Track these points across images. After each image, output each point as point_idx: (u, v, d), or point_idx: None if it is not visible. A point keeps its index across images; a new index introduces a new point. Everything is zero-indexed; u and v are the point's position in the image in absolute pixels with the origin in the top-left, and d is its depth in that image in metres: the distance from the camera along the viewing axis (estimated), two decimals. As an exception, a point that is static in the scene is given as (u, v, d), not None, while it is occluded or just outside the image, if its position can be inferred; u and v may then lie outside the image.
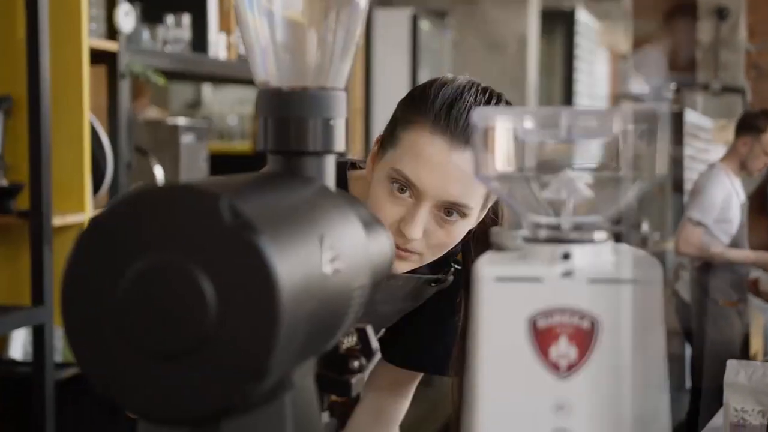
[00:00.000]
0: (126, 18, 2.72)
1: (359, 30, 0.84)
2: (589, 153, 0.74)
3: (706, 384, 3.88)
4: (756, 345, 4.77)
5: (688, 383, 4.81)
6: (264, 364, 0.61)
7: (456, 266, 1.40)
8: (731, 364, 1.88)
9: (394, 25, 4.96)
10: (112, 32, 2.74)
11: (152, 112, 4.32)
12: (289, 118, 0.81)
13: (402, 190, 1.23)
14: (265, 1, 0.82)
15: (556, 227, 0.72)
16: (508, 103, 1.29)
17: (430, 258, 1.28)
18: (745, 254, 4.36)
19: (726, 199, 4.23)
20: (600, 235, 0.72)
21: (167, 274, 0.62)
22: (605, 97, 9.00)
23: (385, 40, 4.93)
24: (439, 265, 1.36)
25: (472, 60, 5.54)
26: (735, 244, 4.31)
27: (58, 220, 2.48)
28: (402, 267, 1.27)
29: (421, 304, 1.41)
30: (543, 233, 0.72)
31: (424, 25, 5.14)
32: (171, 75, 3.24)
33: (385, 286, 1.32)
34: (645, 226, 6.31)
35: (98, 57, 2.70)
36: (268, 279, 0.60)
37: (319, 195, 0.78)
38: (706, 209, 4.19)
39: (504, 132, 0.73)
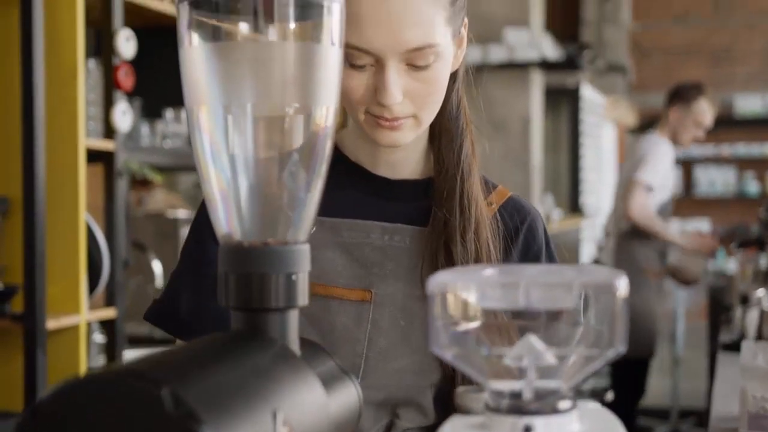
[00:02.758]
0: (123, 117, 2.74)
1: (321, 183, 0.83)
2: (552, 322, 0.73)
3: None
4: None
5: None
6: None
7: None
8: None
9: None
10: (109, 130, 2.75)
11: (159, 196, 4.33)
12: (251, 274, 0.79)
13: (362, 66, 1.11)
14: (226, 156, 0.81)
15: (518, 395, 0.70)
16: None
17: (427, 115, 1.17)
18: (679, 238, 4.38)
19: (668, 167, 4.26)
20: (564, 404, 0.70)
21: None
22: (613, 170, 9.03)
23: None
24: None
25: (475, 139, 5.55)
26: (661, 213, 4.31)
27: (52, 323, 2.47)
28: (403, 137, 1.16)
29: None
30: (505, 402, 0.70)
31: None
32: (171, 169, 3.25)
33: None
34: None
35: (96, 156, 2.72)
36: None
37: (277, 360, 0.76)
38: (654, 173, 4.19)
39: (461, 300, 0.71)
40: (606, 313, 0.70)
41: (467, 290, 0.71)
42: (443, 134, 1.25)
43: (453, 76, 1.25)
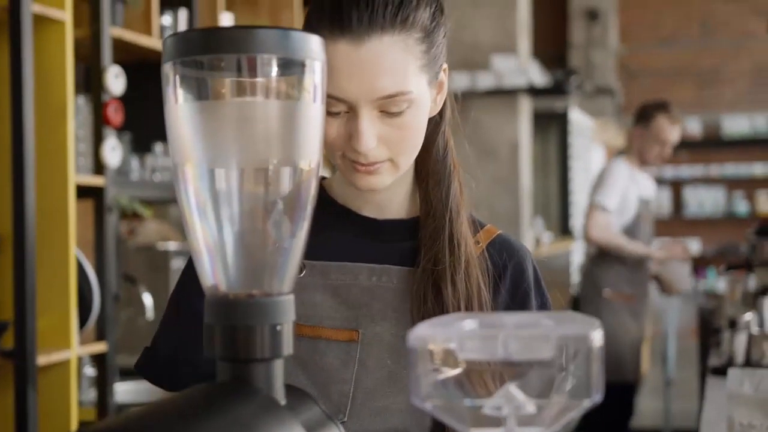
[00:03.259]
0: (113, 153, 2.75)
1: (304, 234, 0.84)
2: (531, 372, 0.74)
3: None
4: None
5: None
6: None
7: None
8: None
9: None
10: (99, 166, 2.77)
11: (151, 226, 4.34)
12: (236, 326, 0.81)
13: (337, 112, 1.13)
14: (211, 211, 0.83)
15: (499, 445, 0.72)
16: None
17: (404, 159, 1.18)
18: (646, 250, 4.33)
19: (625, 189, 4.27)
20: (543, 454, 0.71)
21: None
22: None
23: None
24: None
25: (464, 165, 5.59)
26: (630, 234, 4.31)
27: (43, 359, 2.47)
28: (380, 181, 1.18)
29: None
30: (486, 453, 0.72)
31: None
32: (162, 202, 3.27)
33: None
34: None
35: (85, 191, 2.73)
36: None
37: (261, 411, 0.78)
38: (610, 195, 4.22)
39: (441, 352, 0.73)
40: (582, 363, 0.71)
41: (447, 343, 0.73)
42: (430, 176, 1.27)
43: (439, 118, 1.27)
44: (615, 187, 4.26)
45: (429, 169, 1.27)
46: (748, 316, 3.09)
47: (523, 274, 1.29)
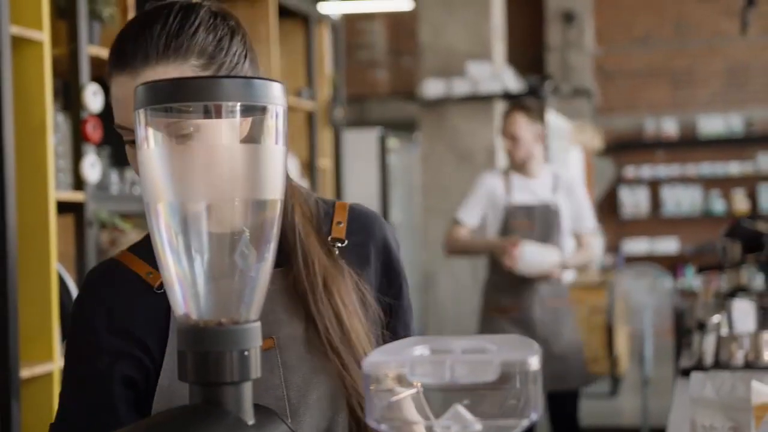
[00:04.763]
0: (92, 169, 2.81)
1: (269, 264, 0.91)
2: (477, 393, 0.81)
3: None
4: None
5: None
6: None
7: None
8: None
9: (363, 143, 5.07)
10: (79, 182, 2.82)
11: (132, 236, 4.38)
12: (207, 352, 0.87)
13: (133, 141, 1.12)
14: (182, 245, 0.90)
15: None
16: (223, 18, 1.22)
17: None
18: (482, 241, 4.20)
19: (489, 198, 4.14)
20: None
21: None
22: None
23: (355, 159, 5.05)
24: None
25: (441, 171, 5.67)
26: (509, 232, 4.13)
27: (26, 372, 2.53)
28: None
29: None
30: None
31: (393, 142, 5.26)
32: (141, 215, 3.32)
33: None
34: None
35: (66, 207, 2.78)
36: None
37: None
38: (467, 208, 4.14)
39: (393, 376, 0.80)
40: (522, 385, 0.78)
41: (399, 368, 0.79)
42: None
43: None
44: (470, 199, 4.16)
45: None
46: (717, 318, 3.15)
47: (387, 245, 1.35)
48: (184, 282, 0.89)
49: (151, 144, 0.88)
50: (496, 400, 0.80)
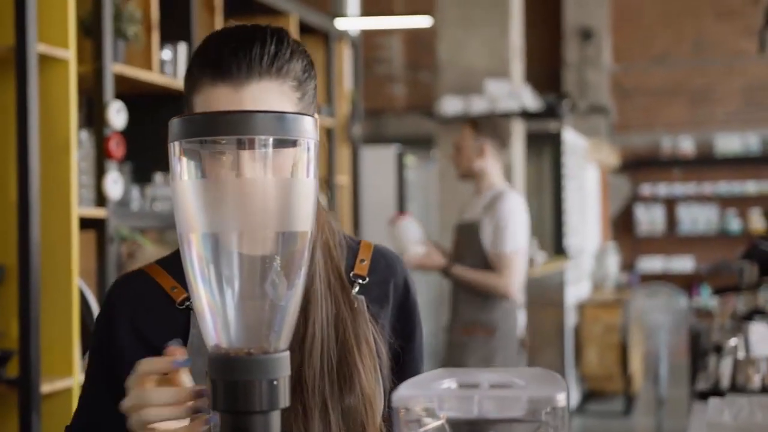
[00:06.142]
0: (114, 185, 2.84)
1: (299, 294, 0.92)
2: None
3: None
4: None
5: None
6: None
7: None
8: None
9: (381, 160, 5.09)
10: (101, 198, 2.85)
11: (150, 250, 4.41)
12: (236, 382, 0.89)
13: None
14: (214, 276, 0.91)
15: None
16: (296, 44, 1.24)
17: None
18: (471, 274, 3.96)
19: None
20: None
21: None
22: (596, 211, 9.16)
23: (372, 175, 5.06)
24: None
25: (458, 189, 5.68)
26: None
27: (46, 387, 2.55)
28: None
29: None
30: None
31: (410, 159, 5.27)
32: (162, 229, 3.34)
33: None
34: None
35: (88, 223, 2.81)
36: None
37: (260, 462, 0.86)
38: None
39: (422, 409, 0.81)
40: (550, 420, 0.79)
41: (427, 403, 0.81)
42: None
43: None
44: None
45: None
46: (734, 341, 3.14)
47: (407, 287, 1.37)
48: (215, 311, 0.91)
49: (185, 176, 0.90)
50: (524, 434, 0.81)
